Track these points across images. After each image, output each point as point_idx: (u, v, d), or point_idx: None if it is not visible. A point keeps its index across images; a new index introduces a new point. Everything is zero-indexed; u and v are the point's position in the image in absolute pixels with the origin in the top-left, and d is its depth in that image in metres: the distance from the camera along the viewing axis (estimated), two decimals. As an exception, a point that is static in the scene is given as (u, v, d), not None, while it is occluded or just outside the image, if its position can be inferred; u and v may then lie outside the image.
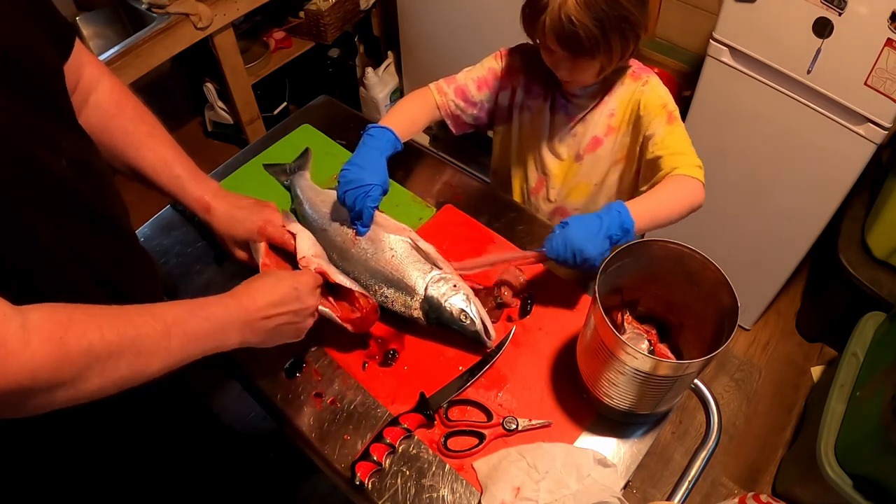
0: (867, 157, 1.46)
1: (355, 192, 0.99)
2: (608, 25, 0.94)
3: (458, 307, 0.94)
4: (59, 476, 0.82)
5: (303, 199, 1.12)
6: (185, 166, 0.95)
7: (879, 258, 1.71)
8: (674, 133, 1.07)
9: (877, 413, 1.30)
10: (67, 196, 0.69)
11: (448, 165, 1.29)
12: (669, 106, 1.08)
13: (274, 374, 0.98)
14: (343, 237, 1.02)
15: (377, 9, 2.57)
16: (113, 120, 0.89)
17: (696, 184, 1.02)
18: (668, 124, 1.07)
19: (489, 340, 0.95)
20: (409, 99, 1.19)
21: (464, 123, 1.22)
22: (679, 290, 0.90)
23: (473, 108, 1.20)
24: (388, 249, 1.00)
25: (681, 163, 1.03)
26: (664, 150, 1.05)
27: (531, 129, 1.20)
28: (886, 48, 1.28)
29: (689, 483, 0.88)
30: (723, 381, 1.00)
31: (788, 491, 1.68)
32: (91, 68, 0.88)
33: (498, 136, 1.28)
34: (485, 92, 1.19)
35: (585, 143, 1.16)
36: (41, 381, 0.53)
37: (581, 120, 1.15)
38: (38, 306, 0.55)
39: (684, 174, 1.01)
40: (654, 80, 1.11)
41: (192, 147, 0.97)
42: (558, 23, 0.93)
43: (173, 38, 1.85)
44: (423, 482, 0.87)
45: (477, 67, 1.19)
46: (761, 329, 2.11)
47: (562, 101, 1.16)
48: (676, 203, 1.01)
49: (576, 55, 0.98)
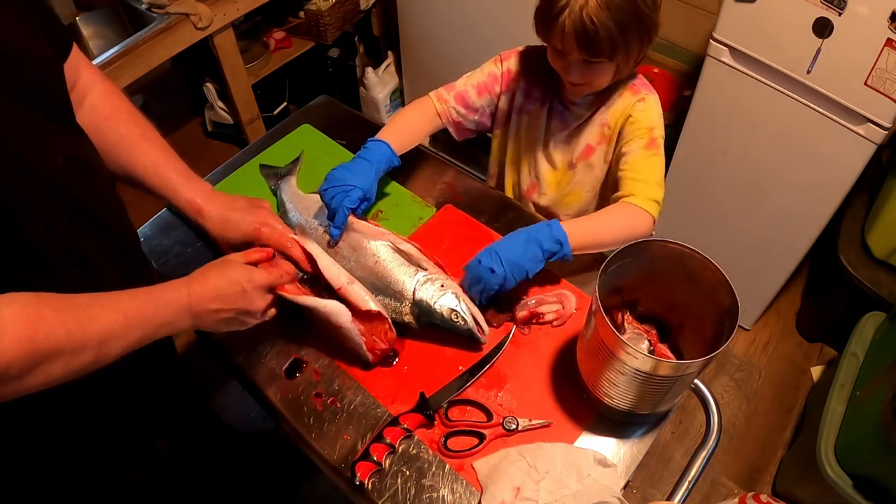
0: (867, 157, 1.46)
1: (334, 191, 0.99)
2: (628, 27, 0.93)
3: (447, 307, 0.93)
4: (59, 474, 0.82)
5: (287, 205, 1.12)
6: (178, 169, 0.95)
7: (879, 258, 1.71)
8: (648, 160, 1.05)
9: (877, 413, 1.30)
10: (62, 195, 0.69)
11: (448, 165, 1.28)
12: (655, 132, 1.06)
13: (274, 374, 0.98)
14: (322, 244, 1.01)
15: (377, 9, 2.57)
16: (107, 122, 0.89)
17: (644, 216, 1.01)
18: (646, 149, 1.05)
19: (483, 337, 0.95)
20: (408, 109, 1.19)
21: (466, 129, 1.22)
22: (679, 290, 0.90)
23: (475, 113, 1.19)
24: (371, 255, 0.99)
25: (639, 191, 1.03)
26: (631, 172, 1.05)
27: (528, 133, 1.20)
28: (886, 48, 1.28)
29: (689, 483, 0.88)
30: (723, 381, 1.00)
31: (788, 491, 1.68)
32: (87, 72, 0.88)
33: (496, 139, 1.28)
34: (485, 97, 1.18)
35: (579, 152, 1.16)
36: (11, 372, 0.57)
37: (576, 129, 1.15)
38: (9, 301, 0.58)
39: (636, 204, 1.01)
40: (652, 101, 1.09)
41: (192, 147, 0.97)
42: (580, 24, 0.91)
43: (173, 38, 1.85)
44: (423, 482, 0.87)
45: (476, 73, 1.19)
46: (761, 329, 2.10)
47: (559, 108, 1.15)
48: (616, 230, 1.01)
49: (594, 57, 0.97)
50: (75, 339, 0.62)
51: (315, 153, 1.28)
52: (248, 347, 1.01)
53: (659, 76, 2.27)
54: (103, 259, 0.77)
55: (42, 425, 0.76)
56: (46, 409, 0.74)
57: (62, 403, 0.75)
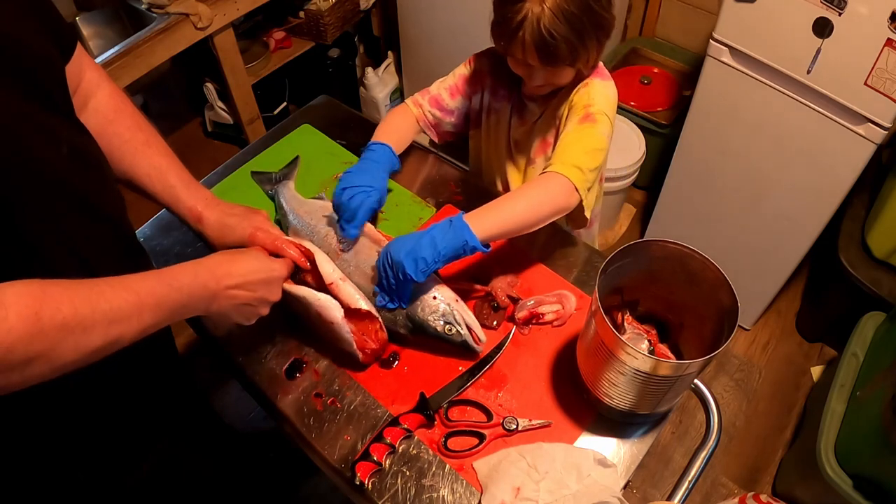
0: (867, 157, 1.46)
1: (355, 191, 0.99)
2: (585, 32, 0.94)
3: (441, 322, 0.92)
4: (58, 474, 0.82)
5: (287, 210, 1.12)
6: (180, 176, 0.96)
7: (879, 258, 1.71)
8: (579, 131, 1.00)
9: (877, 413, 1.30)
10: (63, 186, 0.70)
11: (448, 165, 1.29)
12: (593, 108, 1.01)
13: (274, 374, 0.98)
14: (327, 248, 1.01)
15: (377, 9, 2.57)
16: (110, 125, 0.89)
17: (560, 183, 0.95)
18: (580, 123, 1.01)
19: (478, 346, 0.94)
20: (392, 116, 1.20)
21: (445, 132, 1.23)
22: (679, 290, 0.90)
23: (450, 115, 1.20)
24: (371, 261, 0.99)
25: (557, 159, 0.97)
26: (559, 146, 1.00)
27: (496, 131, 1.21)
28: (886, 48, 1.28)
29: (689, 483, 0.88)
30: (723, 381, 1.00)
31: (788, 491, 1.69)
32: (91, 73, 0.88)
33: (473, 140, 1.29)
34: (458, 98, 1.19)
35: (535, 147, 1.17)
36: (17, 354, 0.54)
37: (533, 124, 1.15)
38: (12, 283, 0.56)
39: (555, 171, 0.96)
40: (596, 84, 1.05)
41: (192, 147, 0.97)
42: (538, 37, 0.91)
43: (173, 38, 1.85)
44: (423, 482, 0.87)
45: (449, 77, 1.20)
46: (761, 329, 2.11)
47: (519, 105, 1.16)
48: (529, 206, 0.94)
49: (555, 65, 0.97)
50: (83, 315, 0.59)
51: (315, 153, 1.28)
52: (248, 347, 1.01)
53: (659, 76, 2.27)
54: (103, 250, 0.77)
55: (41, 425, 0.76)
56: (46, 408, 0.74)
57: (62, 402, 0.75)
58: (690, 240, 0.82)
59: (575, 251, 1.14)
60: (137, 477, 0.93)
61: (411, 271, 0.87)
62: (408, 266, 0.87)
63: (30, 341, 0.55)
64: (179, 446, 1.09)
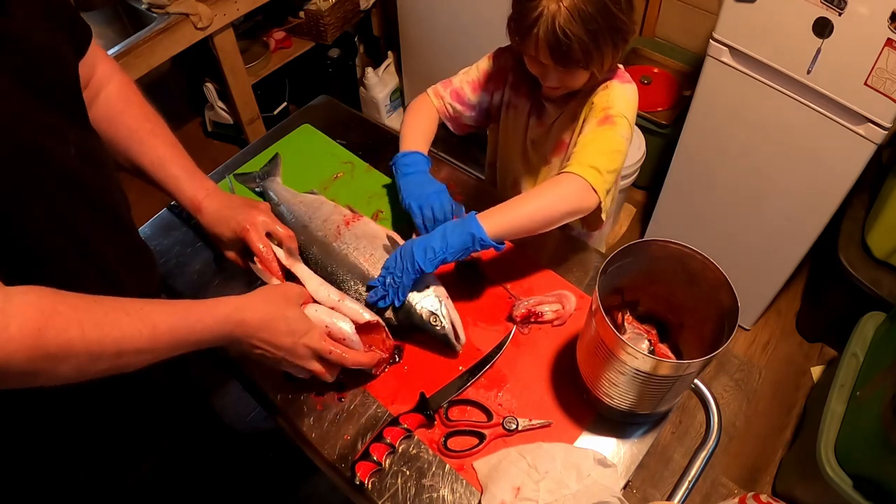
0: (867, 157, 1.46)
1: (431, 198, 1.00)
2: (601, 35, 0.93)
3: (427, 310, 0.94)
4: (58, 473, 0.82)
5: (279, 202, 1.13)
6: (183, 165, 0.96)
7: (879, 258, 1.71)
8: (598, 133, 1.00)
9: (877, 413, 1.30)
10: (72, 183, 0.70)
11: (447, 165, 1.29)
12: (612, 110, 1.01)
13: (274, 374, 0.98)
14: (325, 232, 1.03)
15: (377, 9, 2.57)
16: (119, 115, 0.90)
17: (576, 183, 0.95)
18: (599, 125, 1.01)
19: (458, 345, 0.95)
20: (413, 112, 1.18)
21: (464, 125, 1.23)
22: (679, 290, 0.90)
23: (471, 109, 1.20)
24: (369, 247, 1.01)
25: (575, 160, 0.97)
26: (577, 148, 1.01)
27: (514, 128, 1.21)
28: (886, 48, 1.28)
29: (689, 483, 0.88)
30: (723, 381, 1.00)
31: (788, 491, 1.69)
32: (104, 66, 0.90)
33: (492, 134, 1.29)
34: (479, 93, 1.19)
35: (552, 147, 1.17)
36: (15, 366, 0.53)
37: (551, 125, 1.15)
38: (27, 290, 0.55)
39: (571, 172, 0.96)
40: (616, 86, 1.05)
41: (192, 147, 0.97)
42: (552, 36, 0.91)
43: (173, 38, 1.85)
44: (423, 482, 0.87)
45: (472, 69, 1.19)
46: (761, 329, 2.11)
47: (538, 105, 1.15)
48: (542, 206, 0.95)
49: (568, 67, 0.97)
50: (90, 340, 0.58)
51: (315, 153, 1.28)
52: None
53: (659, 76, 2.27)
54: (112, 248, 0.78)
55: (42, 424, 0.76)
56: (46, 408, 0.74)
57: (62, 402, 0.75)
58: (690, 240, 0.82)
59: (575, 251, 1.14)
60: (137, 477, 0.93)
61: (420, 259, 0.90)
62: (417, 254, 0.91)
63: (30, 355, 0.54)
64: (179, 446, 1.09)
